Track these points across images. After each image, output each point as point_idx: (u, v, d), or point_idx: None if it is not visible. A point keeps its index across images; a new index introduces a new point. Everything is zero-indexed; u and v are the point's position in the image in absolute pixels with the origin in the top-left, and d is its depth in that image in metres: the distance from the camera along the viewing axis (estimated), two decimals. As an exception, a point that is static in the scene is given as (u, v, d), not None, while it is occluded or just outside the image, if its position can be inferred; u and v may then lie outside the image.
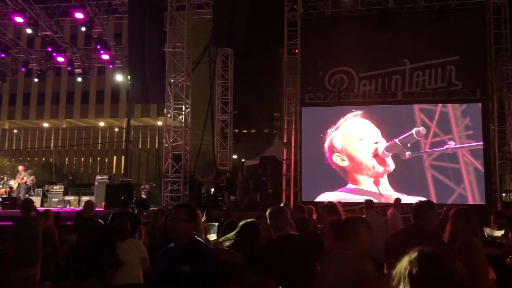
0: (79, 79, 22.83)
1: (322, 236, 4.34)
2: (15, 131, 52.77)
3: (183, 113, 16.54)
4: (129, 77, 18.92)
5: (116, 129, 48.94)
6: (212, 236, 4.64)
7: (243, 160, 32.75)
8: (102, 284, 5.23)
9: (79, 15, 17.23)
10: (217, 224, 7.33)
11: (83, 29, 18.22)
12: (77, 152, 51.40)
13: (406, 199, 12.77)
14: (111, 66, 21.15)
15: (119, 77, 22.32)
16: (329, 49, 15.15)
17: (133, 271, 5.45)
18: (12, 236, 5.94)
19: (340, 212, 4.41)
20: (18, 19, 16.98)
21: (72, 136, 50.39)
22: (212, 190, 17.95)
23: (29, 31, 18.23)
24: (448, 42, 14.62)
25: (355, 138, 14.81)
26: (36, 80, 24.18)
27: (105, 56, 19.96)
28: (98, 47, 19.51)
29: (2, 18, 18.90)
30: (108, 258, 5.27)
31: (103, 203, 15.48)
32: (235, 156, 31.38)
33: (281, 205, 8.24)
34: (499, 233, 6.29)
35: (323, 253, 3.66)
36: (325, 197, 13.95)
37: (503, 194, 17.17)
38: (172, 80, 16.58)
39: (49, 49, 20.01)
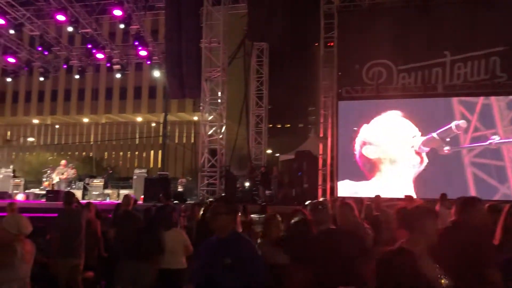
0: (118, 75, 23.32)
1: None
2: (57, 126, 54.67)
3: (219, 107, 16.64)
4: (165, 72, 19.18)
5: (153, 124, 49.91)
6: (258, 228, 4.71)
7: (277, 154, 32.69)
8: (148, 268, 5.57)
9: (117, 12, 17.56)
10: (263, 216, 7.45)
11: (122, 26, 18.55)
12: (115, 147, 52.74)
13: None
14: (148, 62, 21.52)
15: (156, 73, 22.66)
16: (367, 41, 14.88)
17: (177, 257, 5.80)
18: (57, 227, 6.14)
19: (356, 209, 4.37)
20: (60, 18, 17.50)
21: (111, 131, 51.75)
22: (247, 184, 18.01)
23: (70, 29, 18.75)
24: (492, 32, 14.03)
25: (389, 131, 14.52)
26: (76, 76, 24.87)
27: (143, 52, 20.31)
28: (136, 43, 19.86)
29: (45, 17, 19.52)
30: (155, 245, 5.61)
31: (142, 196, 15.80)
32: (269, 151, 31.36)
33: (322, 199, 8.16)
34: None
35: (365, 249, 3.58)
36: (355, 191, 13.74)
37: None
38: (208, 75, 16.70)
39: (89, 46, 20.55)
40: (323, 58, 16.13)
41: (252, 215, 8.83)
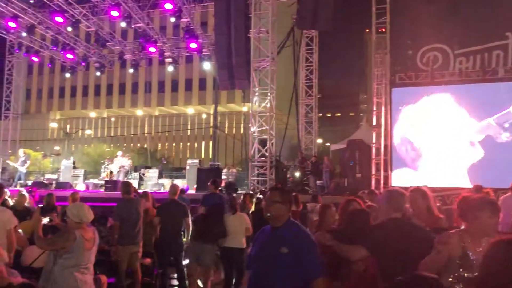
0: (170, 68, 23.82)
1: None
2: (113, 119, 56.80)
3: (268, 98, 16.62)
4: (215, 64, 19.37)
5: (204, 116, 50.75)
6: (315, 217, 4.76)
7: (328, 144, 32.32)
8: (212, 248, 6.57)
9: (168, 6, 17.87)
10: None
11: (172, 19, 18.87)
12: (168, 138, 54.15)
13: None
14: (199, 55, 21.81)
15: (206, 65, 22.93)
16: (420, 25, 14.28)
17: (239, 238, 6.71)
18: (117, 216, 6.39)
19: (429, 197, 4.19)
20: (114, 13, 18.04)
21: (164, 123, 53.19)
22: (297, 174, 17.95)
23: (123, 24, 19.31)
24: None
25: (436, 118, 13.95)
26: (131, 70, 25.65)
27: (193, 45, 20.57)
28: (186, 36, 20.16)
29: (100, 13, 20.24)
30: (219, 230, 6.57)
31: (195, 186, 16.13)
32: (320, 140, 31.03)
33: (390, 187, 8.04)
34: None
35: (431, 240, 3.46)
36: (410, 181, 13.29)
37: None
38: (257, 66, 16.70)
39: (142, 40, 21.11)
40: (375, 44, 15.73)
41: (308, 204, 8.89)
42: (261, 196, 8.92)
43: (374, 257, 3.41)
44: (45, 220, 6.19)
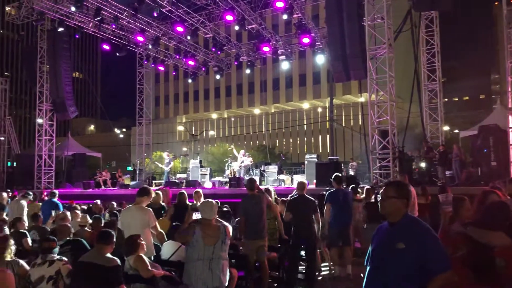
0: (284, 66, 24.09)
1: None
2: (233, 119, 59.41)
3: (387, 86, 15.90)
4: (329, 56, 19.08)
5: (320, 110, 50.53)
6: (449, 208, 4.47)
7: (456, 131, 30.01)
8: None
9: (279, 4, 18.07)
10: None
11: (284, 16, 19.03)
12: (285, 134, 55.01)
13: None
14: (312, 49, 21.73)
15: (319, 58, 22.76)
16: None
17: None
18: (242, 211, 6.64)
19: None
20: (229, 17, 18.79)
21: (280, 120, 54.21)
22: (424, 165, 16.92)
23: (237, 27, 20.00)
24: None
25: None
26: (247, 71, 26.51)
27: (306, 40, 20.55)
28: (299, 31, 20.21)
29: (215, 19, 21.24)
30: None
31: (314, 181, 16.11)
32: (447, 128, 28.91)
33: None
34: None
35: None
36: None
37: None
38: (373, 54, 16.08)
39: (256, 40, 21.67)
40: (506, 17, 14.15)
41: (439, 195, 8.38)
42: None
43: None
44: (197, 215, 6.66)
